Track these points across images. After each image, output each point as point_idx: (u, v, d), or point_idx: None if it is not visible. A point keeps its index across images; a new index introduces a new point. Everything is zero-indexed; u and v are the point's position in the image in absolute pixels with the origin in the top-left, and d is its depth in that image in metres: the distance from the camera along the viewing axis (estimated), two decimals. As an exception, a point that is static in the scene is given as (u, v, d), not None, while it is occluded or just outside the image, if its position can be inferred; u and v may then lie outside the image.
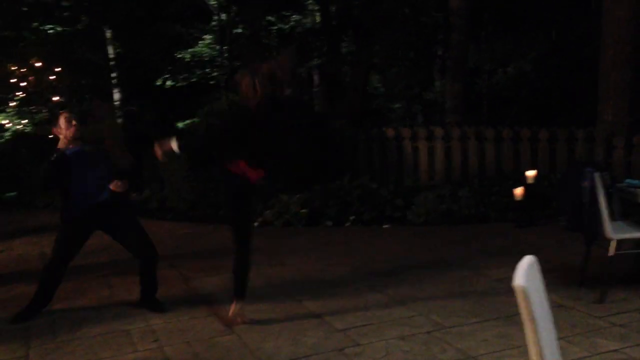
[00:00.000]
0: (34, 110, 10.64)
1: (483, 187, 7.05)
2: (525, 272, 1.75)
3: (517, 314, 3.64)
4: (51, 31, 12.03)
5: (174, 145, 3.90)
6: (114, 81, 12.59)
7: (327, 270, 5.16)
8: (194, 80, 13.23)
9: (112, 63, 12.50)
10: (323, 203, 7.04)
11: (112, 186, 4.21)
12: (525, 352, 3.19)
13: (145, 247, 4.34)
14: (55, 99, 9.04)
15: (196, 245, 6.55)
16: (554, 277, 4.47)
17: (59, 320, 4.23)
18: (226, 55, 13.12)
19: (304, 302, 4.34)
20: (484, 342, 3.45)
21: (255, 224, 7.08)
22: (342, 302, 4.29)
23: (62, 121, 4.29)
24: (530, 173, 6.60)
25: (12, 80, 10.34)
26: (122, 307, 4.41)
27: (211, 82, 13.21)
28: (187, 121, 11.79)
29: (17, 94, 10.45)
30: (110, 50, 12.49)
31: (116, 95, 12.50)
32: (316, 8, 13.20)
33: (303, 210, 6.98)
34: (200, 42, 13.24)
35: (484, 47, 11.95)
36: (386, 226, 6.80)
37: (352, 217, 6.92)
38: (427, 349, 3.42)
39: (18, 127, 10.46)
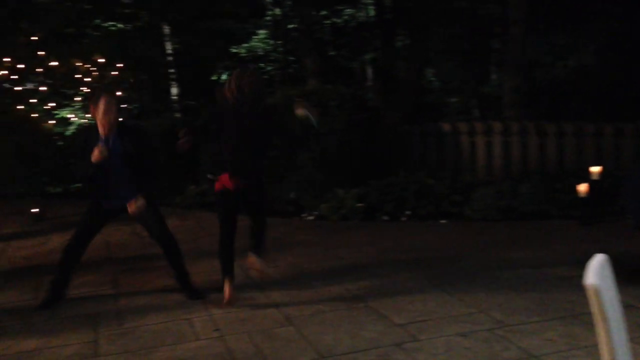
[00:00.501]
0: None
1: (544, 183, 6.87)
2: (597, 271, 1.71)
3: (583, 313, 3.59)
4: (112, 28, 12.42)
5: (307, 112, 4.25)
6: (171, 77, 12.90)
7: (384, 265, 5.14)
8: (249, 75, 13.39)
9: (170, 59, 12.81)
10: (379, 198, 7.01)
11: (131, 207, 4.26)
12: (592, 353, 3.11)
13: (162, 233, 4.46)
14: (118, 93, 9.33)
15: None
16: (622, 276, 4.30)
17: (125, 308, 4.39)
18: (280, 49, 13.22)
19: (362, 296, 4.34)
20: (549, 342, 3.37)
21: (311, 217, 7.14)
22: (401, 297, 4.28)
23: (102, 103, 4.15)
24: (595, 169, 6.39)
25: (76, 76, 10.70)
26: (184, 296, 4.53)
27: (265, 77, 13.34)
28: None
29: (81, 89, 10.82)
30: (169, 47, 12.81)
31: (174, 90, 12.81)
32: (370, 1, 13.13)
33: (360, 205, 6.98)
34: (254, 37, 13.40)
35: (543, 40, 11.60)
36: (443, 222, 6.72)
37: (408, 212, 6.87)
38: (489, 346, 3.37)
39: (82, 121, 10.83)
